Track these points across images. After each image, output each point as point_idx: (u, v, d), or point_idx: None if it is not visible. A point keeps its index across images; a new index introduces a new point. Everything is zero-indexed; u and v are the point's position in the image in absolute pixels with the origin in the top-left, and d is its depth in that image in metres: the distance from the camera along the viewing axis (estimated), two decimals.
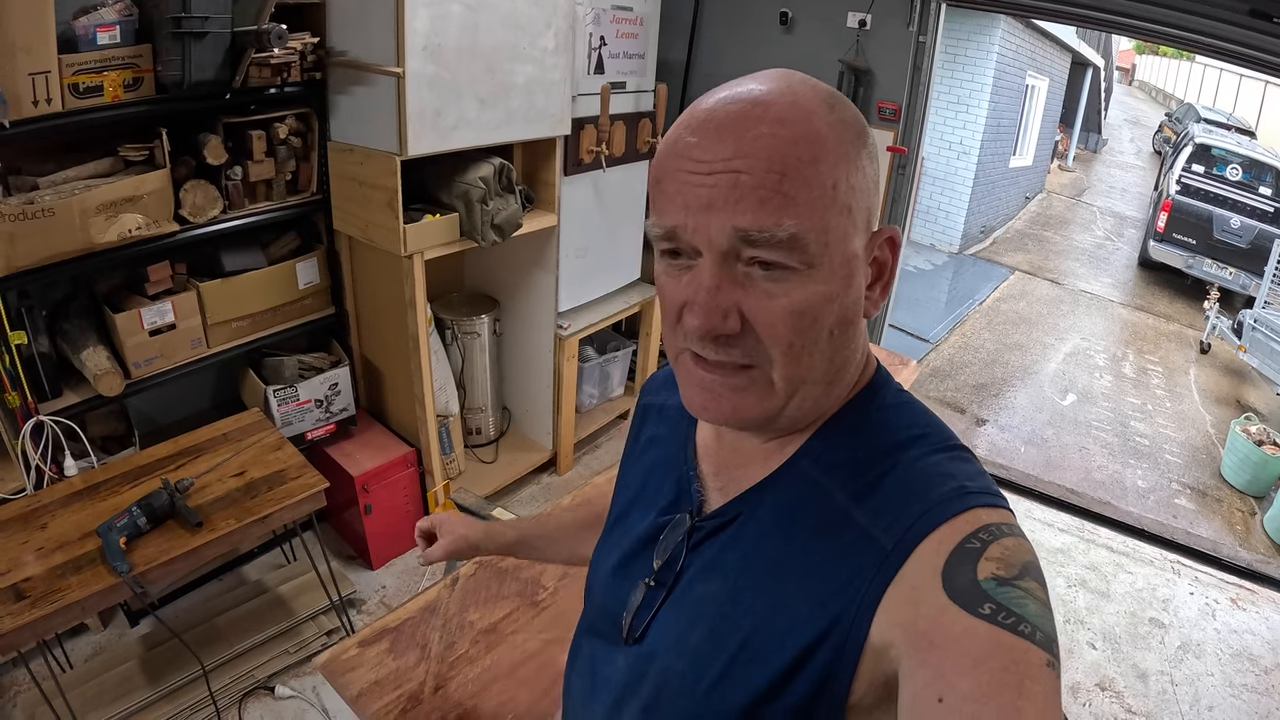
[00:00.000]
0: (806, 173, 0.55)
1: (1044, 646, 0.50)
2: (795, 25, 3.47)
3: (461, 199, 2.55)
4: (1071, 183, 13.02)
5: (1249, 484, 4.36)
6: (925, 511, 0.57)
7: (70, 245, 1.95)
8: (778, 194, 0.54)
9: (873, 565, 0.56)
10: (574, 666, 0.85)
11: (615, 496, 0.86)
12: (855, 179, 0.58)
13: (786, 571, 0.62)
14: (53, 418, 2.05)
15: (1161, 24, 2.68)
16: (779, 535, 0.64)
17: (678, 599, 0.70)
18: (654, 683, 0.68)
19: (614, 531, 0.83)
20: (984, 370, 5.66)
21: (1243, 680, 2.68)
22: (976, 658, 0.49)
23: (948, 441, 0.64)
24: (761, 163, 0.54)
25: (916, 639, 0.52)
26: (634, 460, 0.85)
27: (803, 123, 0.56)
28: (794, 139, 0.55)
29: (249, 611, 2.46)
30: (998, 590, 0.51)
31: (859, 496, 0.61)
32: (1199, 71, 17.34)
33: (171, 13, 1.92)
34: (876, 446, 0.63)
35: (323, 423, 2.70)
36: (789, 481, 0.65)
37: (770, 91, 0.57)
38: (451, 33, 2.27)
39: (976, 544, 0.54)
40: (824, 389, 0.64)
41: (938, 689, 0.49)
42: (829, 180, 0.56)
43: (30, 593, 1.67)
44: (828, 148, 0.56)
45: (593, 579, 0.84)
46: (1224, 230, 7.62)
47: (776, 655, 0.59)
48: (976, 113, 7.91)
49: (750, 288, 0.57)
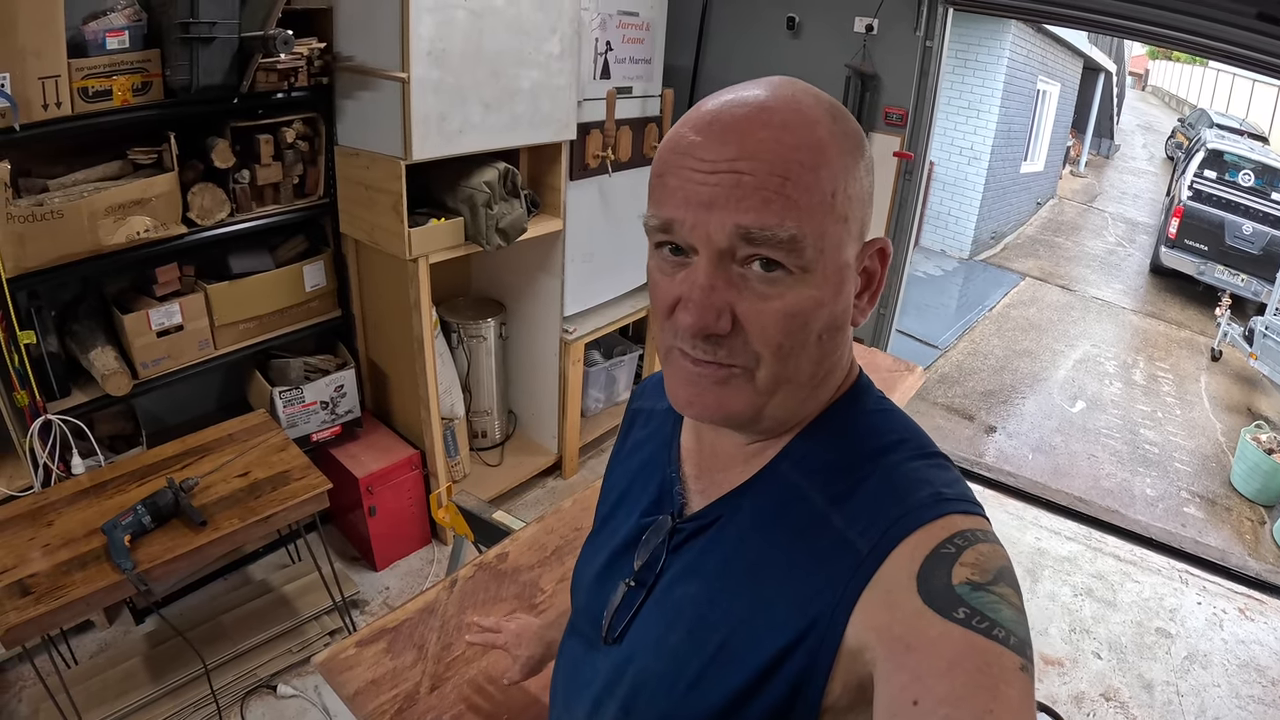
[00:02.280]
0: (808, 179, 0.56)
1: (1018, 651, 0.50)
2: (802, 30, 3.47)
3: (466, 203, 2.57)
4: (1083, 188, 12.95)
5: (1259, 493, 4.32)
6: (901, 516, 0.57)
7: (79, 247, 1.98)
8: (780, 196, 0.55)
9: (849, 569, 0.57)
10: (559, 666, 0.86)
11: (601, 499, 0.87)
12: (853, 189, 0.59)
13: (765, 574, 0.62)
14: (61, 417, 2.08)
15: (1170, 28, 2.67)
16: (758, 538, 0.64)
17: (657, 600, 0.70)
18: (631, 683, 0.69)
19: (599, 533, 0.84)
20: (993, 377, 5.64)
21: (1249, 691, 2.65)
22: (951, 661, 0.49)
23: (926, 449, 0.64)
24: (765, 165, 0.55)
25: (892, 643, 0.52)
26: (620, 463, 0.86)
27: (806, 130, 0.57)
28: (797, 145, 0.56)
29: (253, 611, 2.48)
30: (972, 595, 0.52)
31: (837, 500, 0.61)
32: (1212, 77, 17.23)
33: (180, 18, 1.94)
34: (856, 451, 0.64)
35: (328, 424, 2.72)
36: (769, 484, 0.66)
37: (775, 97, 0.58)
38: (456, 38, 2.29)
39: (951, 549, 0.54)
40: (808, 392, 0.64)
41: (913, 692, 0.49)
42: (829, 188, 0.57)
43: (36, 588, 1.70)
44: (829, 156, 0.57)
45: (577, 580, 0.85)
46: (1236, 236, 7.55)
47: (753, 657, 0.60)
48: (987, 118, 7.87)
49: (744, 289, 0.58)
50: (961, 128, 8.01)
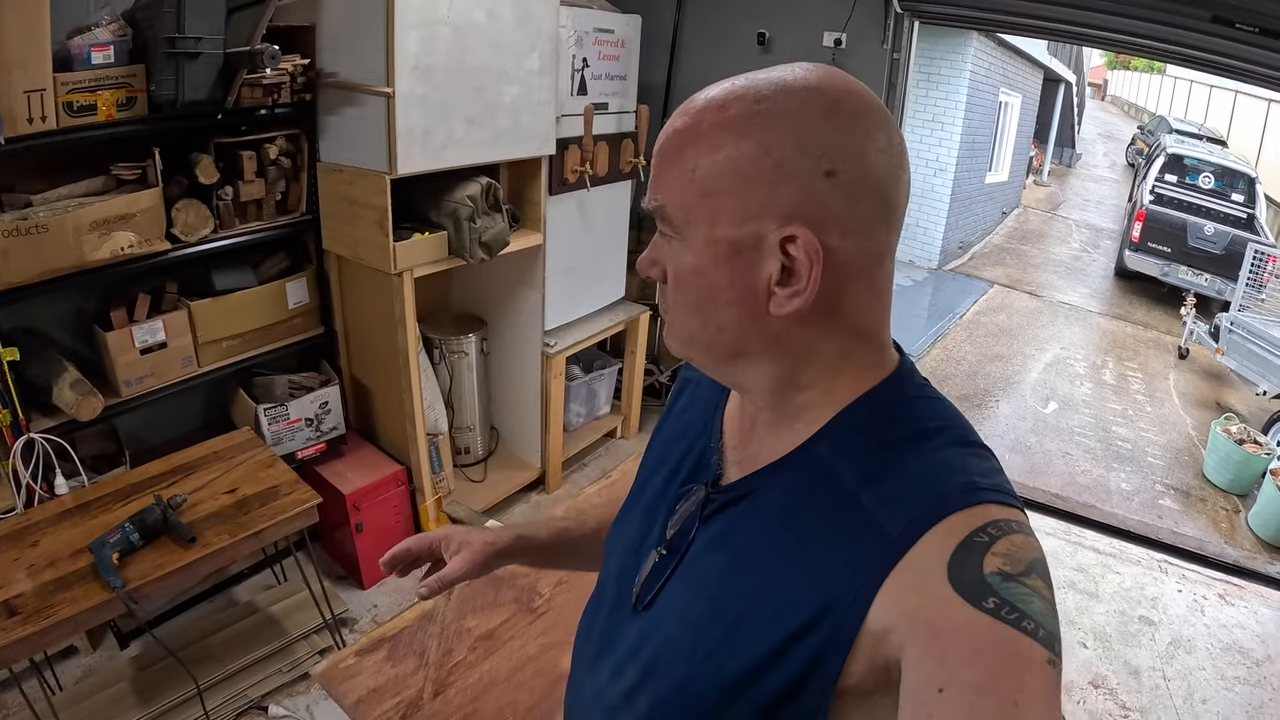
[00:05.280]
0: (673, 158, 0.63)
1: (1046, 644, 0.51)
2: (773, 45, 3.54)
3: (450, 217, 2.58)
4: (1047, 197, 13.24)
5: (1231, 483, 4.43)
6: (934, 501, 0.57)
7: (63, 262, 1.96)
8: (659, 174, 0.64)
9: (875, 550, 0.57)
10: (583, 630, 0.87)
11: (642, 464, 0.87)
12: (724, 167, 0.60)
13: (790, 550, 0.63)
14: (43, 436, 2.05)
15: (1128, 34, 2.77)
16: (787, 514, 0.65)
17: (686, 569, 0.71)
18: (654, 649, 0.70)
19: (635, 498, 0.84)
20: (966, 382, 5.73)
21: (1234, 673, 2.71)
22: (978, 650, 0.50)
23: (966, 437, 0.65)
24: (663, 147, 0.64)
25: (920, 628, 0.53)
26: (663, 431, 0.87)
27: (695, 116, 0.62)
28: (681, 129, 0.63)
29: (240, 632, 2.44)
30: (1003, 585, 0.52)
31: (869, 481, 0.62)
32: (1170, 84, 17.70)
33: (166, 33, 1.94)
34: (893, 435, 0.64)
35: (313, 441, 2.70)
36: (803, 461, 0.67)
37: (726, 89, 0.63)
38: (440, 53, 2.32)
39: (984, 538, 0.55)
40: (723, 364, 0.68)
41: (939, 679, 0.50)
42: (690, 165, 0.62)
43: (22, 609, 1.66)
44: (699, 135, 0.61)
45: (611, 544, 0.86)
46: (1198, 238, 7.75)
47: (771, 631, 0.60)
48: (951, 130, 8.04)
49: (665, 248, 0.66)
50: (926, 140, 8.16)
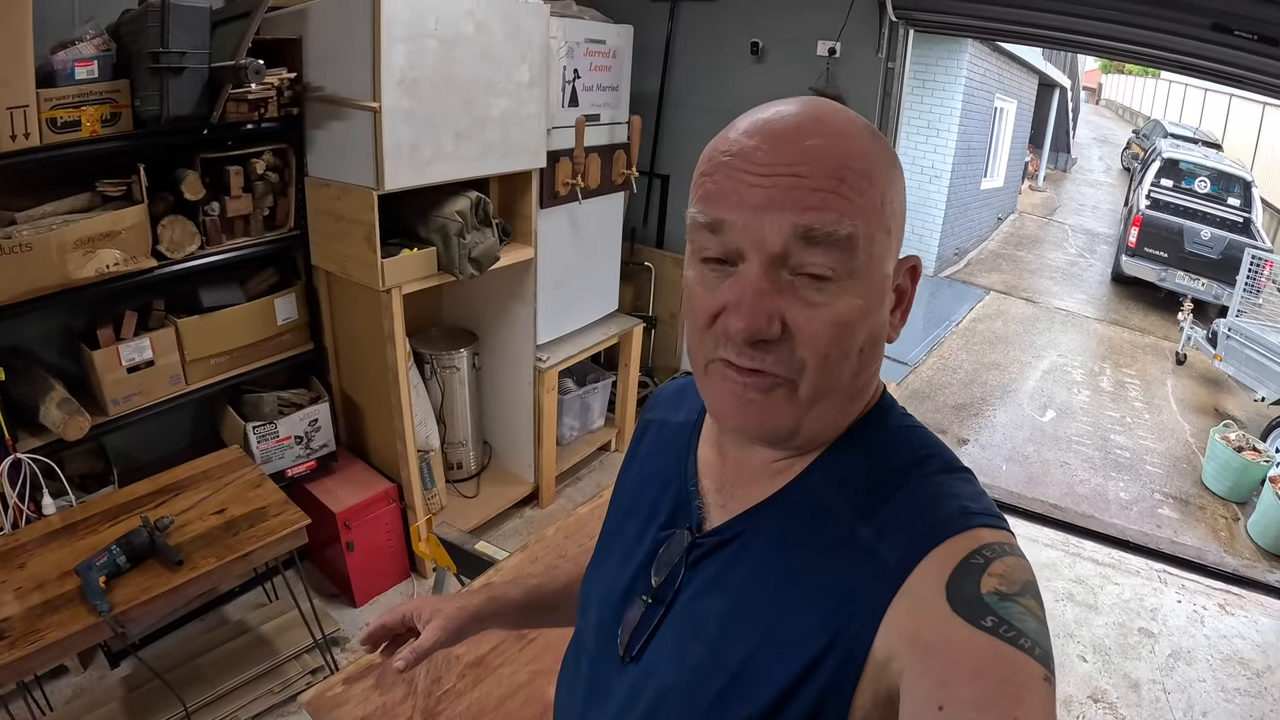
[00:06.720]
0: (861, 183, 0.57)
1: (1042, 662, 0.51)
2: (766, 55, 3.54)
3: (439, 233, 2.56)
4: (1043, 202, 13.25)
5: (1230, 490, 4.41)
6: (929, 529, 0.58)
7: (48, 281, 1.95)
8: (837, 196, 0.56)
9: (877, 580, 0.57)
10: (565, 686, 0.84)
11: (610, 508, 0.85)
12: (896, 203, 0.61)
13: (791, 587, 0.62)
14: (30, 455, 2.02)
15: (1127, 42, 2.75)
16: (784, 551, 0.64)
17: (678, 615, 0.69)
18: (651, 699, 0.68)
19: (608, 546, 0.82)
20: (963, 390, 5.71)
21: (1235, 684, 2.68)
22: (977, 667, 0.50)
23: (951, 464, 0.66)
24: (821, 168, 0.56)
25: (919, 648, 0.53)
26: (630, 473, 0.85)
27: (856, 139, 0.59)
28: (850, 152, 0.57)
29: (231, 651, 2.42)
30: (1000, 604, 0.53)
31: (865, 513, 0.61)
32: (1164, 88, 17.73)
33: (150, 48, 1.93)
34: (884, 466, 0.64)
35: (303, 459, 2.68)
36: (796, 498, 0.66)
37: (823, 109, 0.60)
38: (428, 67, 2.30)
39: (980, 560, 0.55)
40: (844, 405, 0.65)
41: (938, 697, 0.49)
42: (878, 195, 0.58)
43: (10, 633, 1.64)
44: (877, 166, 0.59)
45: (586, 595, 0.83)
46: (1195, 242, 7.74)
47: (781, 670, 0.59)
48: (947, 136, 8.04)
49: (793, 296, 0.58)
50: (922, 147, 8.17)
